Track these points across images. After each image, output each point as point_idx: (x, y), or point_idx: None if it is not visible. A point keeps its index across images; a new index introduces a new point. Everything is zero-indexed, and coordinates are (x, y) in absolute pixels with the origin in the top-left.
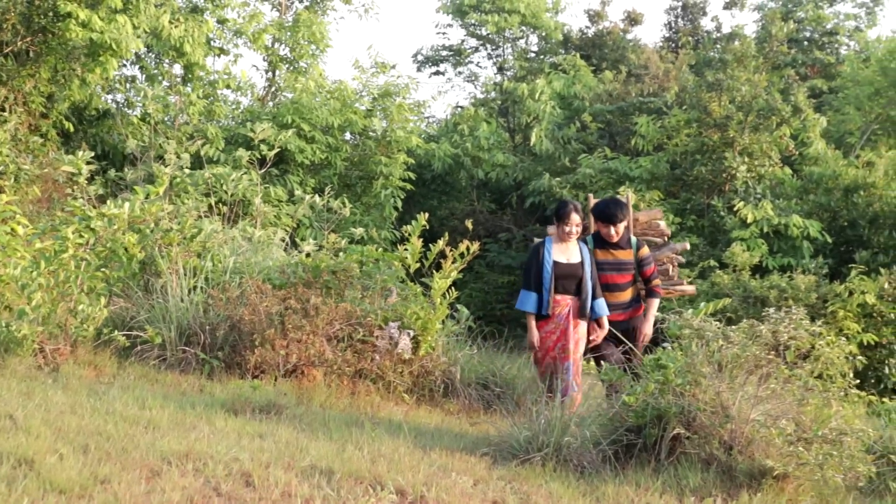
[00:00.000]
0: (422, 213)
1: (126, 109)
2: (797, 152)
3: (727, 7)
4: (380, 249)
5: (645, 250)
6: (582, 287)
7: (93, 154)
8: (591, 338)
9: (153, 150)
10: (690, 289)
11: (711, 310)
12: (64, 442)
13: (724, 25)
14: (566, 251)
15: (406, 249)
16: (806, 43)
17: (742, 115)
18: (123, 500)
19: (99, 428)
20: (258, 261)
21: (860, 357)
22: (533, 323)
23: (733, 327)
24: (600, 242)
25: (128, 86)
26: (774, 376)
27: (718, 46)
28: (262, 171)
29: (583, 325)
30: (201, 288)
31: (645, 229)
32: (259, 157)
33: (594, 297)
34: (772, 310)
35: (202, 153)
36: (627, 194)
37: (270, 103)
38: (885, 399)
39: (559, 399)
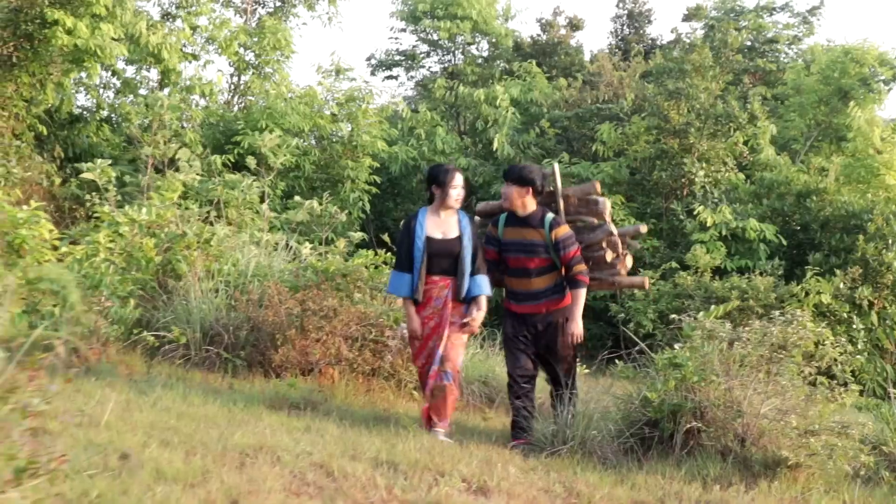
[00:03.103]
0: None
1: (97, 113)
2: (750, 158)
3: (686, 19)
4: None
5: (562, 230)
6: (458, 265)
7: (63, 156)
8: (465, 320)
9: (145, 152)
10: (639, 280)
11: (721, 313)
12: (145, 436)
13: (669, 34)
14: (442, 225)
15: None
16: (747, 51)
17: (700, 122)
18: (235, 489)
19: (167, 423)
20: (269, 264)
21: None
22: (412, 308)
23: (746, 329)
24: (511, 219)
25: (101, 90)
26: (782, 374)
27: (676, 55)
28: (269, 178)
29: (461, 308)
30: (222, 290)
31: (579, 207)
32: (232, 161)
33: (474, 275)
34: (777, 312)
35: (166, 154)
36: (554, 165)
37: (235, 107)
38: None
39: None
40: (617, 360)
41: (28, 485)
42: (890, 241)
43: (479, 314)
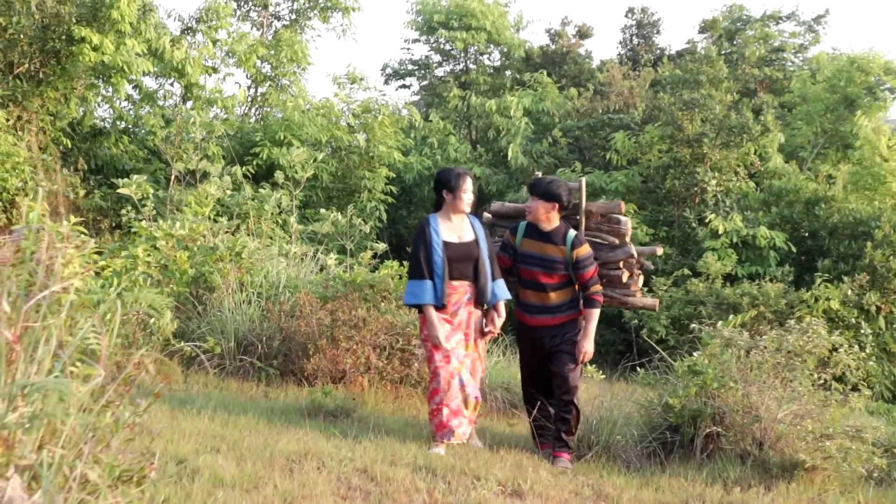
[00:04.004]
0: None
1: (115, 125)
2: (760, 167)
3: (702, 31)
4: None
5: (583, 250)
6: (479, 270)
7: (87, 168)
8: (486, 329)
9: (173, 163)
10: (650, 302)
11: (739, 322)
12: (196, 444)
13: (677, 44)
14: (456, 228)
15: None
16: (755, 60)
17: (713, 133)
18: (289, 494)
19: (214, 431)
20: (297, 275)
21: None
22: (434, 316)
23: (763, 337)
24: (531, 231)
25: (119, 102)
26: (798, 380)
27: (692, 66)
28: (297, 191)
29: (478, 313)
30: (254, 301)
31: (600, 224)
32: (252, 172)
33: (494, 279)
34: (793, 321)
35: (199, 168)
36: (581, 181)
37: (253, 119)
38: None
39: (472, 403)
40: (638, 368)
41: (121, 489)
42: None
43: (499, 321)
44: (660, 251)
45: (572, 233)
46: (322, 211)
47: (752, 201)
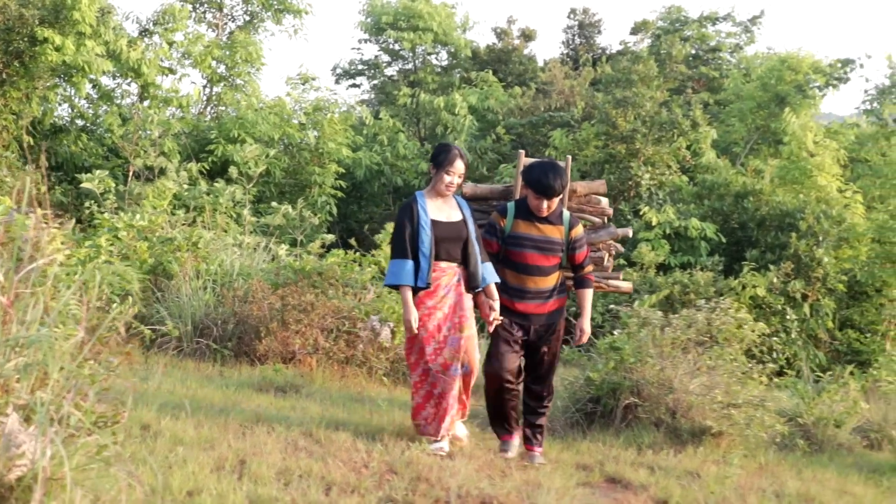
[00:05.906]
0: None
1: (73, 124)
2: (693, 162)
3: (634, 32)
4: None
5: (579, 229)
6: (469, 251)
7: (48, 165)
8: (491, 318)
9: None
10: (626, 286)
11: (654, 301)
12: (157, 413)
13: (618, 44)
14: (443, 208)
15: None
16: (692, 59)
17: (646, 129)
18: (242, 451)
19: (174, 403)
20: (251, 264)
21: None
22: (409, 297)
23: (675, 315)
24: (524, 212)
25: (78, 100)
26: (708, 355)
27: (624, 65)
28: (250, 186)
29: (468, 296)
30: (210, 288)
31: (582, 204)
32: (207, 168)
33: (483, 262)
34: (702, 301)
35: (156, 166)
36: (567, 159)
37: (208, 117)
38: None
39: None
40: (563, 346)
41: (98, 432)
42: (820, 238)
43: (497, 304)
44: (630, 233)
45: (567, 212)
46: (274, 204)
47: (684, 194)
